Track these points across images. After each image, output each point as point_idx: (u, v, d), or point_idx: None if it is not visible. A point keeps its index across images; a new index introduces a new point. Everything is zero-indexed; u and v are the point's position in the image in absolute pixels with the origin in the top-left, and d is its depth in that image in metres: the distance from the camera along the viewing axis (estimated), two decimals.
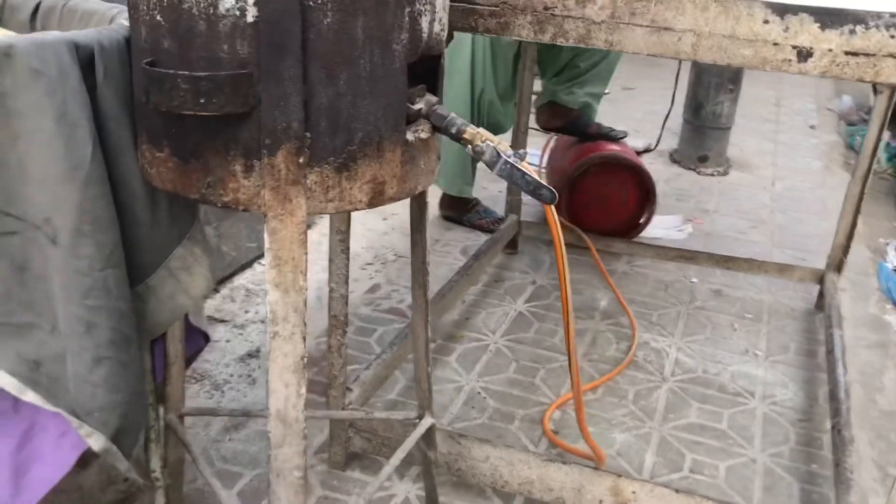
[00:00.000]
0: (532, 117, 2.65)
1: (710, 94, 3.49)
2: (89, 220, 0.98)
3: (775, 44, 1.13)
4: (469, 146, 0.99)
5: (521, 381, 2.00)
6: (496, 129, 2.75)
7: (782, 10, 1.12)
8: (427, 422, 1.39)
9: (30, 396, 1.03)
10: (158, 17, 0.89)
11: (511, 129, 2.63)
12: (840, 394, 1.80)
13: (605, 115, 4.44)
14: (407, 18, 0.93)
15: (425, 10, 0.95)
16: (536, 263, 2.64)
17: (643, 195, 2.72)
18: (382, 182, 0.98)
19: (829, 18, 1.10)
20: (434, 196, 3.00)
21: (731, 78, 3.45)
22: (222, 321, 2.16)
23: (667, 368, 2.09)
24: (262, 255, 2.44)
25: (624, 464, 1.73)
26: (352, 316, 2.23)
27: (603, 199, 2.74)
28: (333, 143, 0.92)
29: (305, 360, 1.00)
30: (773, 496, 1.67)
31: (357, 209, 0.98)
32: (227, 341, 2.08)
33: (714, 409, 1.94)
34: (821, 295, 2.40)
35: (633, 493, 1.47)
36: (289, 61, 0.87)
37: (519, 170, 0.96)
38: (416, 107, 0.99)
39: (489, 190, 3.17)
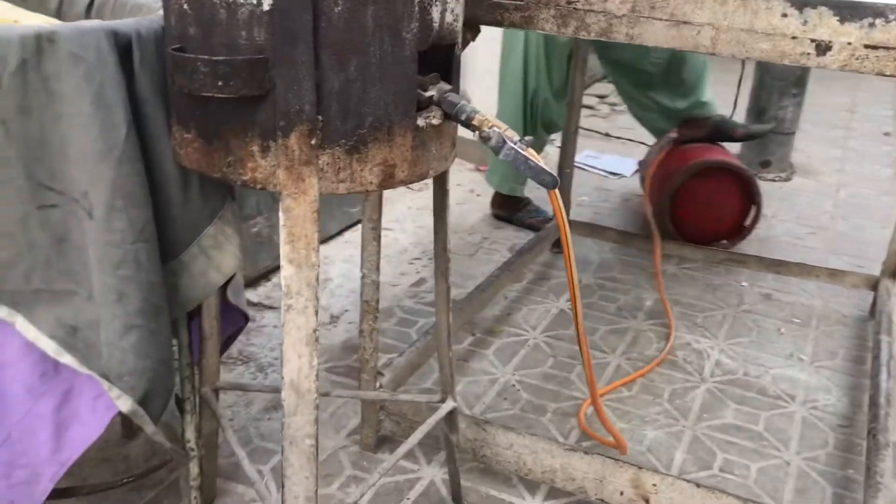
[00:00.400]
0: (582, 119, 2.66)
1: (773, 99, 3.44)
2: (122, 195, 1.06)
3: (794, 37, 1.14)
4: (477, 132, 1.03)
5: (557, 375, 2.02)
6: (550, 128, 2.78)
7: (801, 4, 1.12)
8: (448, 405, 1.43)
9: (66, 359, 1.11)
10: (185, 6, 0.96)
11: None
12: (880, 399, 1.76)
13: None
14: (417, 8, 0.97)
15: (436, 0, 0.99)
16: (583, 263, 2.65)
17: (749, 205, 2.72)
18: (393, 165, 1.02)
19: (848, 12, 1.10)
20: (487, 195, 3.04)
21: (795, 82, 3.39)
22: (271, 308, 2.24)
23: (706, 369, 2.08)
24: None
25: (653, 459, 1.73)
26: (395, 308, 2.29)
27: (709, 205, 2.74)
28: (344, 126, 0.97)
29: (318, 333, 1.05)
30: (804, 499, 1.65)
31: (368, 190, 1.03)
32: (275, 327, 2.16)
33: (751, 411, 1.92)
34: (875, 302, 2.35)
35: (654, 485, 1.48)
36: (301, 47, 0.92)
37: (522, 155, 1.00)
38: (428, 94, 1.04)
39: (543, 190, 3.19)
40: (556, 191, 1.08)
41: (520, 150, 1.00)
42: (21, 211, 1.04)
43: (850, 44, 1.11)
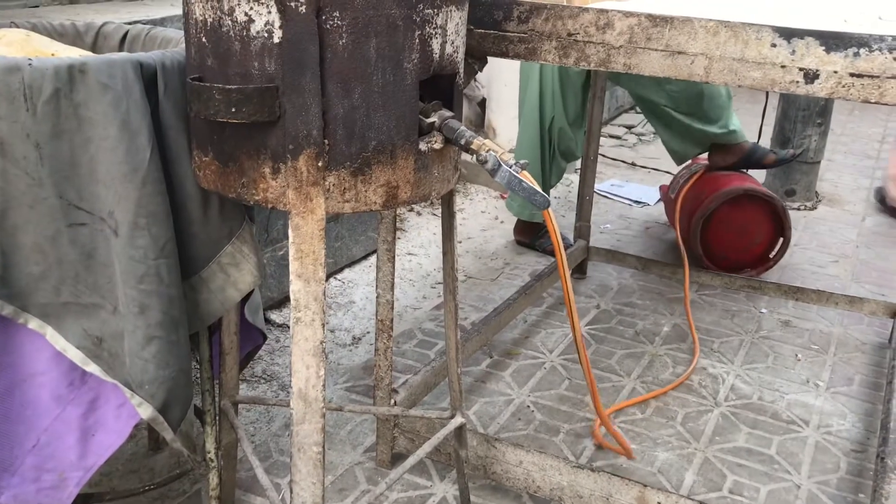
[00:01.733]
0: (601, 147, 2.71)
1: (797, 128, 3.46)
2: (145, 214, 1.13)
3: (783, 66, 1.19)
4: (475, 155, 1.09)
5: (571, 397, 2.06)
6: (568, 156, 2.83)
7: (789, 34, 1.17)
8: (457, 421, 1.48)
9: (91, 368, 1.18)
10: (203, 39, 1.04)
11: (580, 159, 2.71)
12: (890, 423, 1.77)
13: None
14: (417, 41, 1.04)
15: (436, 33, 1.06)
16: (603, 289, 2.68)
17: (778, 235, 2.76)
18: (396, 186, 1.09)
19: (833, 42, 1.15)
20: (510, 222, 3.10)
21: (819, 112, 3.41)
22: None
23: (721, 394, 2.10)
24: (336, 272, 2.60)
25: (663, 480, 1.76)
26: (416, 330, 2.35)
27: (740, 232, 2.77)
28: (349, 149, 1.04)
29: (325, 344, 1.11)
30: None
31: (372, 210, 1.09)
32: None
33: (764, 435, 1.94)
34: (894, 329, 2.35)
35: (659, 503, 1.51)
36: (308, 76, 0.99)
37: (516, 177, 1.05)
38: (430, 120, 1.10)
39: (568, 218, 3.24)
40: (551, 210, 1.13)
41: (514, 172, 1.06)
42: (52, 228, 1.12)
43: (836, 72, 1.16)
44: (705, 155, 2.94)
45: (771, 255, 2.77)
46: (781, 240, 2.74)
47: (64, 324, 1.17)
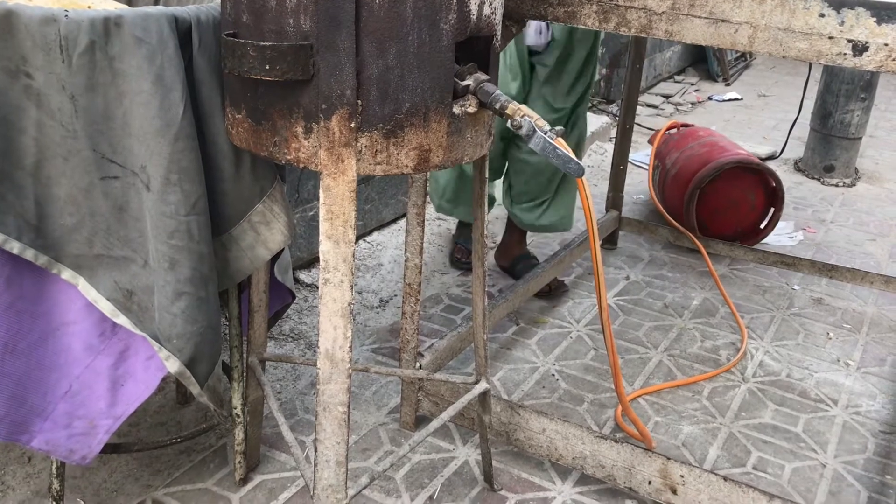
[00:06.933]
0: (637, 117, 2.66)
1: (839, 103, 3.38)
2: (177, 170, 1.13)
3: (830, 37, 1.15)
4: (510, 120, 1.07)
5: (597, 367, 2.05)
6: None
7: (839, 4, 1.14)
8: (481, 386, 1.48)
9: (121, 320, 1.19)
10: None
11: (616, 128, 2.67)
12: None
13: (740, 122, 4.38)
14: (455, 1, 1.02)
15: None
16: (633, 260, 2.66)
17: (771, 202, 2.74)
18: (428, 150, 1.08)
19: (885, 13, 1.11)
20: None
21: (863, 86, 3.32)
22: None
23: (749, 370, 2.08)
24: (365, 234, 2.60)
25: (686, 453, 1.75)
26: (443, 294, 2.35)
27: (733, 203, 2.75)
28: (382, 110, 1.03)
29: (353, 306, 1.11)
30: (837, 501, 1.65)
31: (404, 173, 1.08)
32: None
33: (790, 413, 1.92)
34: None
35: (682, 476, 1.50)
36: (343, 35, 0.98)
37: (551, 143, 1.04)
38: (465, 83, 1.08)
39: (600, 187, 3.21)
40: (585, 179, 1.11)
41: (549, 139, 1.04)
42: (86, 180, 1.12)
43: (886, 45, 1.12)
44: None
45: (762, 226, 2.76)
46: (773, 210, 2.75)
47: (95, 275, 1.19)
